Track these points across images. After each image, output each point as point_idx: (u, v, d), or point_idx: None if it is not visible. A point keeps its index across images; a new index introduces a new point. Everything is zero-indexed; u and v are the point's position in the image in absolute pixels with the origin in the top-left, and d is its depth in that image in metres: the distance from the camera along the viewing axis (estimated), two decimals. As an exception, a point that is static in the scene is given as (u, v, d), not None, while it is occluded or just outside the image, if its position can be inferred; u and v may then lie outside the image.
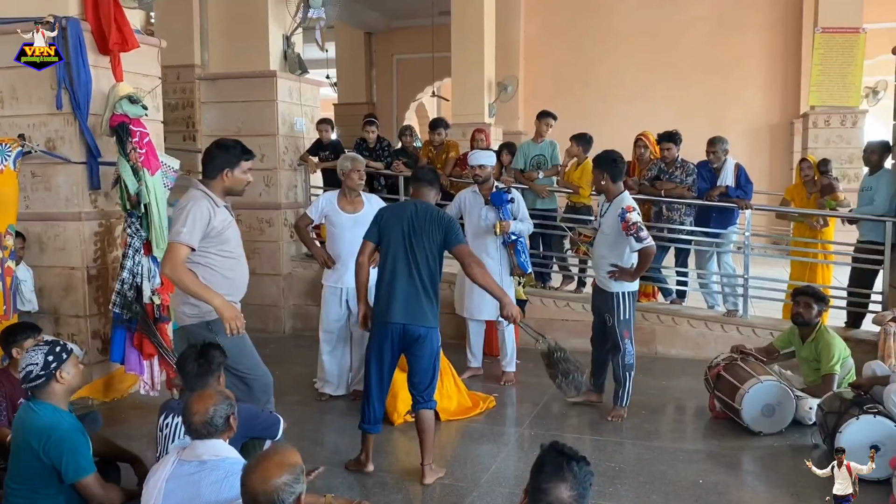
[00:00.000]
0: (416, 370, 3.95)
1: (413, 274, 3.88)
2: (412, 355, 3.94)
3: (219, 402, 2.69)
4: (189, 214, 3.48)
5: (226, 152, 3.71)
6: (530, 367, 6.02)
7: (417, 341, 3.89)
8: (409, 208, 4.00)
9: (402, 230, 3.91)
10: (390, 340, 3.90)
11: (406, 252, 3.89)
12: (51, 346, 3.06)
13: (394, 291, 3.86)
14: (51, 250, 5.12)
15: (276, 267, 7.36)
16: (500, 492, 3.85)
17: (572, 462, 2.01)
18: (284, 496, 2.16)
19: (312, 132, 7.67)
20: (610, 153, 4.93)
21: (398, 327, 3.86)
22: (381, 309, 3.91)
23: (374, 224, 4.04)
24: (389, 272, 3.91)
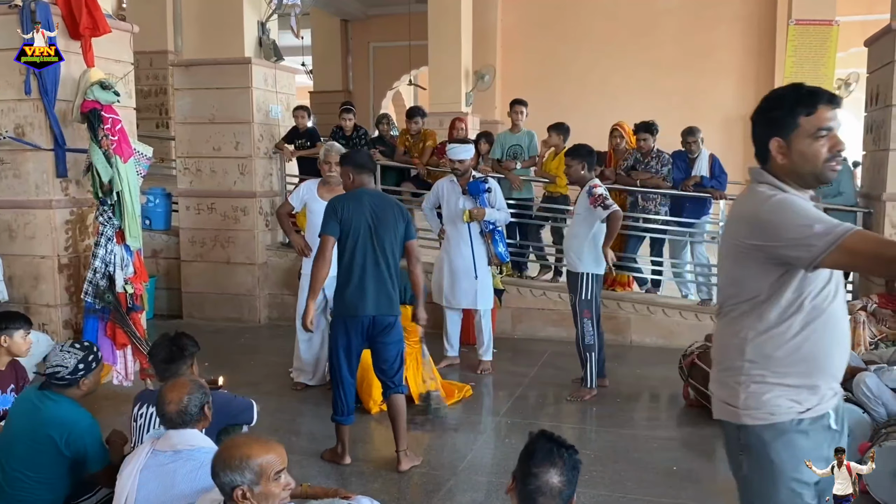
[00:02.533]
0: (385, 357, 3.95)
1: (380, 265, 3.87)
2: (380, 343, 3.94)
3: (193, 391, 2.66)
4: None
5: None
6: (508, 355, 6.06)
7: (385, 329, 3.90)
8: (365, 199, 3.92)
9: (366, 223, 3.86)
10: (360, 332, 3.89)
11: (373, 244, 3.86)
12: (85, 353, 3.16)
13: (364, 284, 3.84)
14: (21, 239, 5.03)
15: (252, 256, 7.30)
16: (478, 479, 3.87)
17: (562, 449, 2.05)
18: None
19: (288, 120, 7.60)
20: (586, 146, 5.15)
21: (368, 319, 3.86)
22: (350, 303, 3.87)
23: (333, 218, 3.87)
24: (359, 265, 3.85)
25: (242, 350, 6.51)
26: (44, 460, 3.03)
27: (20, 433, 3.08)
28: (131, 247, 4.83)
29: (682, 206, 6.67)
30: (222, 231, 7.31)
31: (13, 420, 3.19)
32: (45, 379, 3.23)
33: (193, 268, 7.44)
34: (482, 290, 5.57)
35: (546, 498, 2.04)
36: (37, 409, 3.10)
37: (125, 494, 2.55)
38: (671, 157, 6.63)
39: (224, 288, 7.38)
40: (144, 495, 2.53)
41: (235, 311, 7.37)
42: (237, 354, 6.33)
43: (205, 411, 2.69)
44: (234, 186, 7.24)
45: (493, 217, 5.44)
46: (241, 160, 7.20)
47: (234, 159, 7.20)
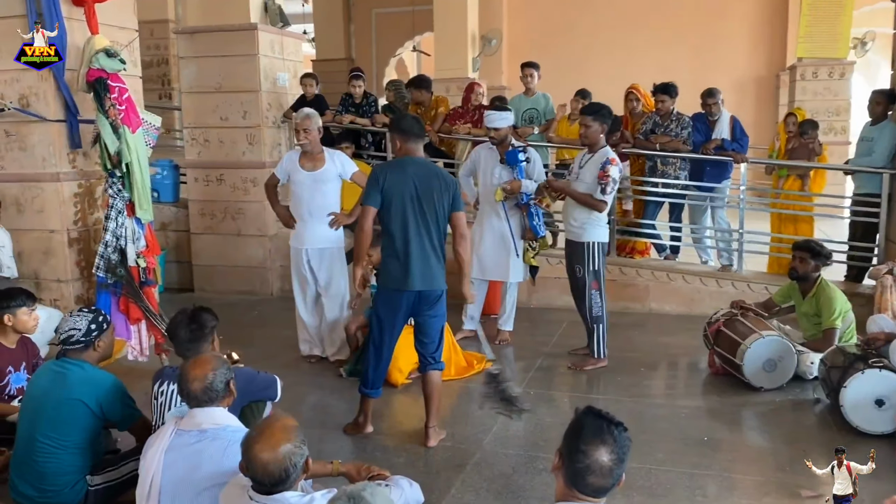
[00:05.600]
0: (427, 332, 3.84)
1: (425, 238, 3.73)
2: (425, 317, 3.82)
3: (217, 367, 2.57)
4: None
5: None
6: (525, 325, 5.95)
7: (432, 303, 3.79)
8: (409, 169, 3.76)
9: (410, 193, 3.70)
10: (405, 307, 3.77)
11: (416, 216, 3.71)
12: (94, 315, 3.23)
13: (410, 258, 3.70)
14: (29, 213, 4.90)
15: (263, 228, 7.17)
16: (504, 453, 3.78)
17: (612, 426, 1.96)
18: (296, 460, 2.07)
19: (296, 88, 7.42)
20: (608, 107, 4.97)
21: (414, 294, 3.74)
22: (395, 276, 3.74)
23: (375, 188, 3.73)
24: (402, 237, 3.71)
25: (255, 323, 6.42)
26: (73, 426, 3.07)
27: (46, 402, 3.08)
28: (142, 220, 4.70)
29: (702, 169, 6.51)
30: (232, 203, 7.17)
31: (36, 392, 3.18)
32: (60, 350, 3.20)
33: (203, 240, 7.33)
34: (514, 263, 5.42)
35: (596, 477, 1.94)
36: (61, 376, 3.13)
37: (150, 476, 2.47)
38: (690, 120, 6.46)
39: (235, 260, 7.27)
40: (170, 477, 2.45)
41: (247, 284, 7.27)
42: (250, 327, 6.25)
43: (230, 387, 2.61)
44: (243, 157, 7.09)
45: (529, 189, 5.23)
46: (249, 130, 7.04)
47: (242, 129, 7.04)
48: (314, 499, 2.08)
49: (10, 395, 3.94)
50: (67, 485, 3.07)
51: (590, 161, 4.85)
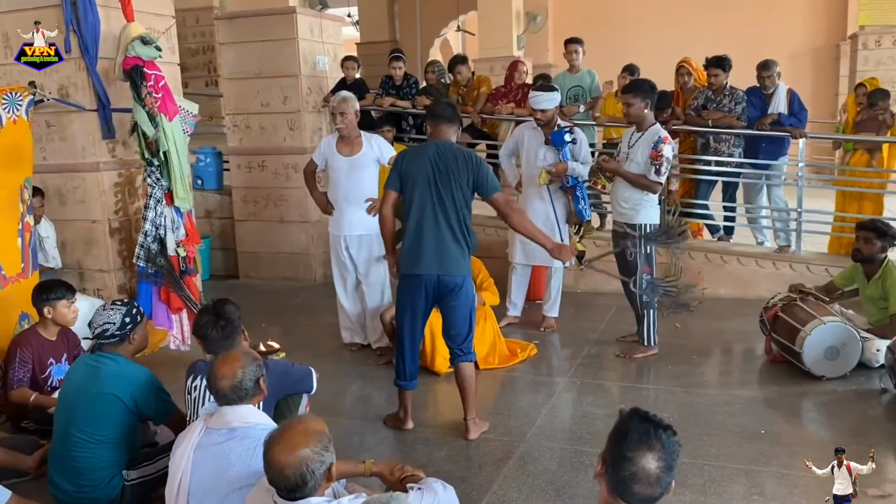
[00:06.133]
0: (452, 321, 3.71)
1: (441, 221, 3.60)
2: (447, 306, 3.70)
3: (247, 365, 2.48)
4: None
5: None
6: (571, 311, 5.77)
7: (452, 291, 3.65)
8: (429, 150, 3.66)
9: (426, 175, 3.59)
10: (423, 293, 3.65)
11: (432, 198, 3.60)
12: (128, 308, 3.21)
13: (422, 241, 3.59)
14: (71, 203, 4.93)
15: (305, 214, 7.12)
16: (549, 446, 3.64)
17: (660, 430, 1.79)
18: (314, 466, 1.96)
19: (336, 71, 7.32)
20: (648, 81, 4.76)
21: (431, 279, 3.62)
22: (409, 260, 3.64)
23: (394, 171, 3.69)
24: (416, 221, 3.61)
25: (298, 310, 6.39)
26: (108, 420, 3.06)
27: (81, 396, 3.07)
28: (181, 208, 4.68)
29: (757, 146, 6.20)
30: (274, 189, 7.14)
31: (72, 385, 3.17)
32: (95, 343, 3.19)
33: (247, 227, 7.32)
34: None
35: (642, 485, 1.79)
36: (95, 370, 3.11)
37: (178, 475, 2.40)
38: (745, 94, 6.14)
39: (278, 247, 7.25)
40: (199, 477, 2.38)
41: (291, 270, 7.24)
42: (294, 314, 6.22)
43: (260, 385, 2.52)
44: (284, 143, 7.03)
45: (575, 171, 5.02)
46: (289, 115, 6.97)
47: (283, 114, 6.98)
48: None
49: (53, 386, 3.97)
50: (104, 480, 3.05)
51: (640, 140, 4.63)
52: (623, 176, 4.70)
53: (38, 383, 3.90)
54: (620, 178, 4.73)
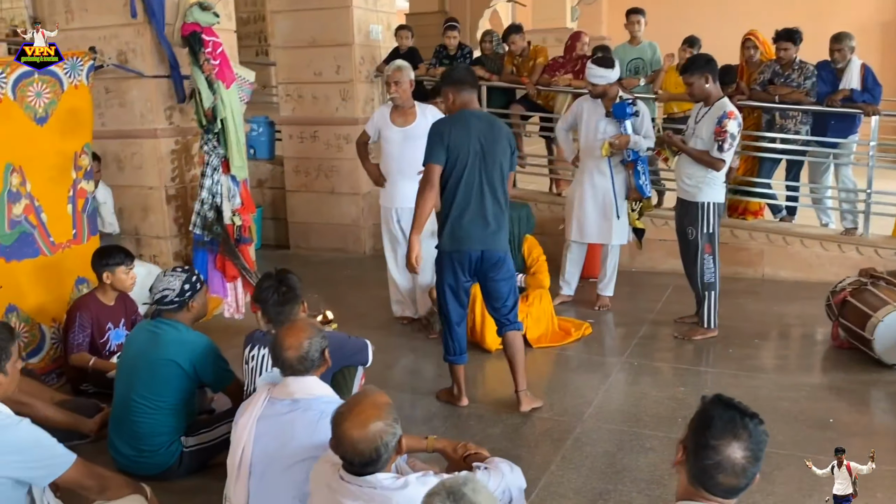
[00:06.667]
0: (497, 294, 3.65)
1: (487, 196, 3.52)
2: (492, 280, 3.62)
3: (313, 336, 2.44)
4: None
5: None
6: (626, 290, 5.63)
7: (496, 266, 3.58)
8: (472, 123, 3.52)
9: (474, 149, 3.49)
10: (467, 268, 3.58)
11: (480, 173, 3.50)
12: (188, 275, 3.23)
13: (469, 217, 3.51)
14: (129, 169, 4.96)
15: (356, 186, 7.07)
16: (608, 428, 3.55)
17: (746, 418, 1.71)
18: (388, 439, 1.92)
19: (388, 41, 7.22)
20: (702, 55, 4.62)
21: (476, 254, 3.55)
22: (455, 237, 3.55)
23: (440, 144, 3.49)
24: (463, 196, 3.51)
25: (349, 282, 6.38)
26: (167, 386, 3.07)
27: (141, 362, 3.09)
28: (237, 177, 4.67)
29: (826, 123, 5.93)
30: (326, 160, 7.10)
31: (131, 351, 3.20)
32: (155, 309, 3.19)
33: (298, 198, 7.32)
34: (617, 225, 5.10)
35: (727, 476, 1.70)
36: (155, 336, 3.13)
37: (241, 445, 2.38)
38: (815, 69, 5.87)
39: (329, 218, 7.23)
40: (262, 447, 2.36)
41: (341, 242, 7.23)
42: (343, 286, 6.20)
43: (325, 356, 2.48)
44: (336, 113, 6.97)
45: (638, 145, 4.87)
46: (342, 85, 6.90)
47: (336, 84, 6.91)
48: (408, 483, 1.93)
49: (111, 351, 4.01)
50: (163, 445, 3.07)
51: (706, 115, 4.46)
52: (686, 151, 4.54)
53: (96, 347, 3.94)
54: (685, 154, 4.57)
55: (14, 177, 3.80)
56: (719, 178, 4.53)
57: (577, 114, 5.19)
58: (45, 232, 3.99)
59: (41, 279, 3.94)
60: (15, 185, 3.81)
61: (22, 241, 3.85)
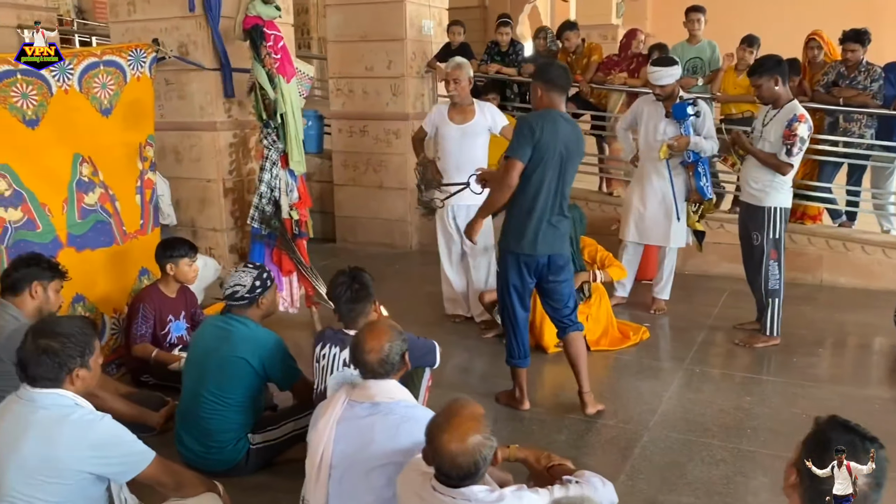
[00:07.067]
0: (557, 297, 3.60)
1: (557, 200, 3.46)
2: (553, 283, 3.57)
3: (394, 339, 2.40)
4: None
5: None
6: (680, 294, 5.52)
7: (560, 269, 3.54)
8: (560, 125, 3.42)
9: (559, 152, 3.39)
10: (534, 271, 3.53)
11: (557, 177, 3.42)
12: (259, 272, 3.21)
13: (541, 221, 3.44)
14: (187, 162, 4.97)
15: (404, 181, 7.04)
16: (675, 437, 3.47)
17: (867, 442, 1.62)
18: (486, 452, 1.87)
19: (439, 36, 7.16)
20: (772, 56, 4.44)
21: (543, 259, 3.49)
22: (526, 239, 3.47)
23: (528, 140, 3.37)
24: (540, 198, 3.42)
25: (397, 277, 6.34)
26: (236, 383, 3.05)
27: (211, 358, 3.08)
28: (295, 171, 4.66)
29: (892, 127, 5.77)
30: (375, 155, 7.08)
31: (201, 346, 3.18)
32: (225, 305, 3.18)
33: (346, 192, 7.31)
34: (676, 227, 5.01)
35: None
36: (225, 332, 3.11)
37: (321, 448, 2.35)
38: (883, 71, 5.70)
39: (376, 213, 7.21)
40: (342, 450, 2.32)
41: (387, 237, 7.21)
42: (392, 282, 6.16)
43: (404, 359, 2.44)
44: (387, 108, 6.94)
45: (698, 147, 4.75)
46: (393, 80, 6.87)
47: (387, 79, 6.88)
48: (504, 496, 1.88)
49: (171, 343, 4.02)
50: (230, 442, 3.06)
51: (775, 118, 4.34)
52: (753, 154, 4.42)
53: (157, 339, 3.96)
54: (751, 156, 4.46)
55: (84, 167, 3.83)
56: (786, 182, 4.42)
57: (636, 113, 5.09)
58: (120, 220, 4.03)
59: (110, 269, 3.97)
60: (86, 175, 3.83)
61: (97, 229, 3.88)
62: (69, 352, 2.25)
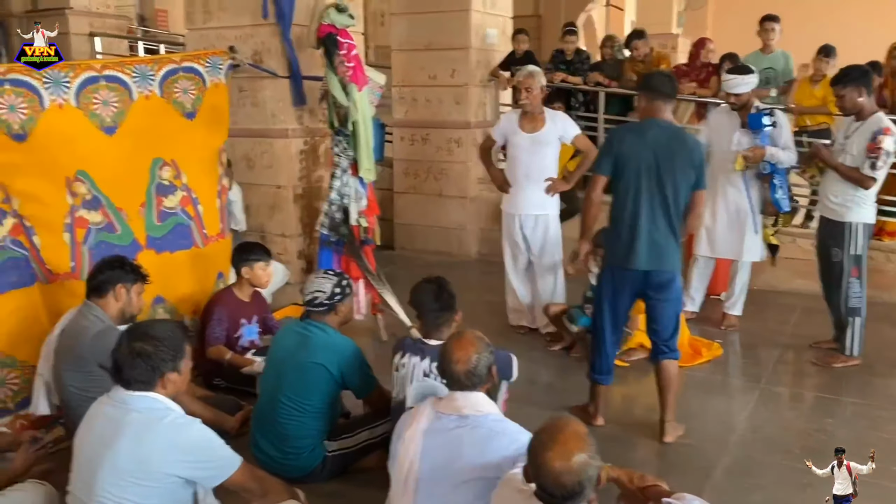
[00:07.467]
0: (658, 317, 3.48)
1: (658, 213, 3.35)
2: (655, 301, 3.46)
3: (481, 350, 2.37)
4: None
5: None
6: (750, 310, 5.35)
7: (662, 287, 3.42)
8: (651, 132, 3.36)
9: (646, 162, 3.32)
10: (630, 287, 3.44)
11: (651, 187, 3.33)
12: (338, 279, 3.21)
13: (636, 234, 3.35)
14: (258, 168, 5.03)
15: (464, 189, 7.03)
16: (757, 459, 3.35)
17: None
18: (591, 472, 1.82)
19: (503, 45, 7.14)
20: (861, 66, 4.31)
21: (640, 274, 3.39)
22: (619, 254, 3.41)
23: (608, 153, 3.41)
24: (631, 211, 3.36)
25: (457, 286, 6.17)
26: (314, 389, 3.06)
27: (289, 363, 3.08)
28: (365, 179, 4.67)
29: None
30: (435, 163, 7.08)
31: (280, 351, 3.19)
32: (304, 311, 3.19)
33: (405, 199, 7.32)
34: (750, 240, 4.88)
35: None
36: (304, 338, 3.11)
37: (408, 459, 2.32)
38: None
39: (435, 221, 7.21)
40: (430, 463, 2.29)
41: (445, 245, 7.19)
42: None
43: (492, 372, 2.40)
44: (449, 116, 6.94)
45: (775, 157, 4.63)
46: (456, 89, 6.87)
47: (450, 88, 6.88)
48: None
49: (243, 347, 4.05)
50: (306, 448, 3.06)
51: (858, 130, 4.19)
52: (834, 167, 4.28)
53: (230, 342, 4.00)
54: (832, 170, 4.32)
55: (165, 170, 3.89)
56: (870, 196, 4.26)
57: (710, 125, 4.99)
58: (201, 223, 4.08)
59: (190, 271, 4.03)
60: (167, 179, 3.89)
61: (176, 232, 3.94)
62: (162, 355, 2.27)
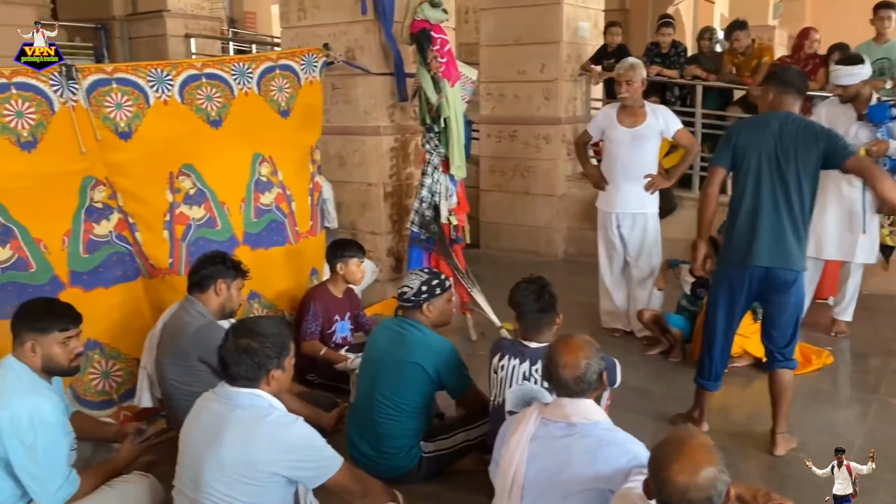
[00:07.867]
0: (777, 321, 3.27)
1: (781, 206, 3.15)
2: (774, 304, 3.26)
3: (591, 356, 2.26)
4: None
5: None
6: (859, 315, 5.04)
7: (782, 287, 3.20)
8: (772, 123, 3.19)
9: (767, 153, 3.15)
10: (747, 286, 3.24)
11: (773, 179, 3.15)
12: (429, 277, 3.14)
13: (758, 228, 3.16)
14: (350, 165, 5.05)
15: (552, 187, 6.89)
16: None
17: None
18: (720, 487, 1.70)
19: (595, 38, 6.96)
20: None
21: (760, 271, 3.19)
22: (738, 249, 3.22)
23: (727, 145, 3.26)
24: (750, 205, 3.19)
25: (544, 286, 6.17)
26: (410, 389, 3.01)
27: (386, 361, 3.05)
28: (456, 176, 4.62)
29: None
30: (523, 160, 6.97)
31: (376, 350, 3.16)
32: (398, 306, 3.21)
33: (492, 197, 7.24)
34: (864, 241, 4.59)
35: None
36: (401, 336, 3.07)
37: (513, 465, 2.23)
38: None
39: (521, 219, 7.10)
40: (536, 471, 2.20)
41: (532, 244, 7.07)
42: (541, 290, 6.01)
43: (602, 379, 2.29)
44: (538, 112, 6.81)
45: None
46: (546, 84, 6.73)
47: (539, 83, 6.75)
48: None
49: (336, 343, 4.06)
50: (403, 448, 3.02)
51: None
52: None
53: (324, 338, 4.01)
54: None
55: (264, 166, 3.93)
56: None
57: (818, 117, 4.70)
58: (294, 221, 4.12)
59: (284, 267, 4.06)
60: (265, 175, 3.94)
61: (270, 229, 3.98)
62: (267, 352, 2.26)
